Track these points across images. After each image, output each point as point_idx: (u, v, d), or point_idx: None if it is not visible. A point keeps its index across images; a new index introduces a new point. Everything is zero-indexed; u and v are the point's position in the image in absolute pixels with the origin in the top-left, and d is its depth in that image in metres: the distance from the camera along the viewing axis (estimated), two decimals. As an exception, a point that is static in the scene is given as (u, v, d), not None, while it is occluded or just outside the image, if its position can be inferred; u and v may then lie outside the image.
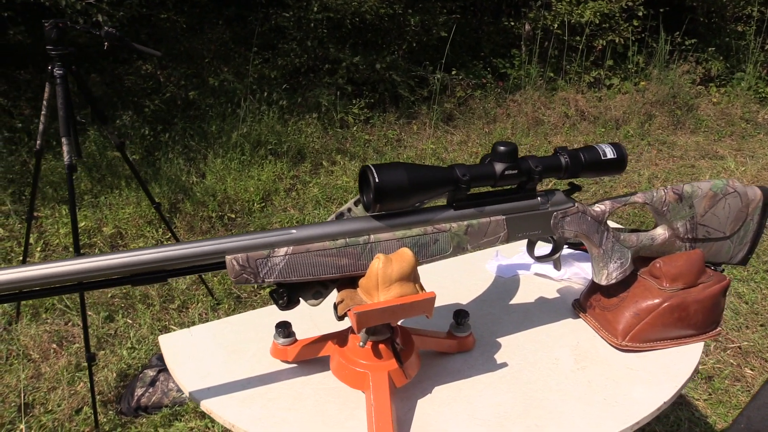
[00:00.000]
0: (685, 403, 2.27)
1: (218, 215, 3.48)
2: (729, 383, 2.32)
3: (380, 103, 5.02)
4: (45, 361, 2.32)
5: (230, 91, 4.56)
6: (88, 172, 3.75)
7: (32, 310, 2.57)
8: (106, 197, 3.55)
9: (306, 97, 4.78)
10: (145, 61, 5.29)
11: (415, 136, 4.70)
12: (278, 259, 0.72)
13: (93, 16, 3.87)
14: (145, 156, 4.06)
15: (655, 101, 5.21)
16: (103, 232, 3.31)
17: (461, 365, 0.94)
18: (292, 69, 5.11)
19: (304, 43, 4.98)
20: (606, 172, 0.87)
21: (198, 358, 0.99)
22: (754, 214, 1.02)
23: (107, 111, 4.47)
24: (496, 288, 1.16)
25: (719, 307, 0.99)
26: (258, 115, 4.40)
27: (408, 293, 0.74)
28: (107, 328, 2.52)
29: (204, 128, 4.29)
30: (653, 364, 0.94)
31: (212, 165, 3.91)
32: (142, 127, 4.24)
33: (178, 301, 2.70)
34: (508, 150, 0.79)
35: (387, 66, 4.95)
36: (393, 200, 0.73)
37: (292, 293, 0.76)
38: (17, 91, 4.50)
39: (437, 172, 0.76)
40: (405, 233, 0.77)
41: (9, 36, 4.75)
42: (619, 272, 0.94)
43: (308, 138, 4.37)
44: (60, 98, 2.02)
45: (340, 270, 0.75)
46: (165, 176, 3.76)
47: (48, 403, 2.11)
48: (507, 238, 0.84)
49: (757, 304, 2.76)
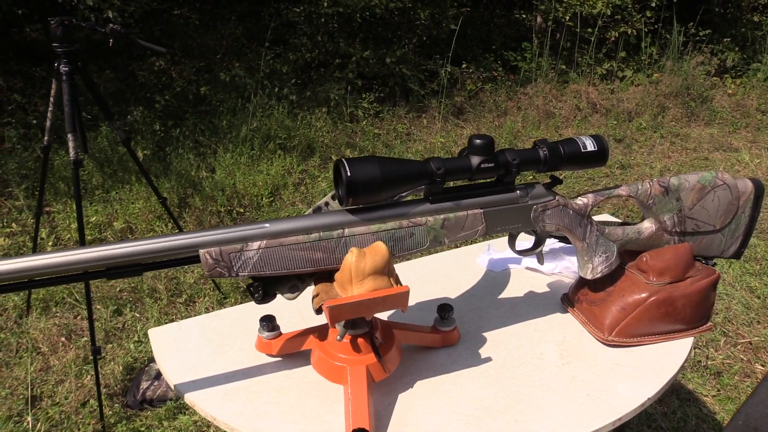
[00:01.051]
0: (693, 399, 2.24)
1: (227, 210, 3.50)
2: (738, 379, 2.29)
3: (390, 97, 5.01)
4: (54, 354, 2.35)
5: (241, 86, 4.58)
6: (100, 168, 3.80)
7: (43, 304, 2.61)
8: (117, 192, 3.59)
9: (316, 91, 4.79)
10: (158, 57, 5.33)
11: (425, 130, 4.68)
12: (252, 252, 0.73)
13: (104, 12, 3.90)
14: (156, 151, 4.10)
15: (669, 93, 5.13)
16: (114, 227, 3.35)
17: (445, 360, 0.93)
18: (303, 64, 5.12)
19: (315, 38, 4.99)
20: (587, 165, 0.86)
21: (185, 351, 1.00)
22: (745, 206, 1.00)
23: (120, 107, 4.52)
24: (486, 282, 1.15)
25: (709, 302, 0.97)
26: (268, 109, 4.41)
27: (382, 287, 0.74)
28: (115, 321, 2.55)
29: (215, 123, 4.32)
30: (640, 359, 0.93)
31: (222, 160, 3.94)
32: (153, 123, 4.28)
33: (186, 295, 2.72)
34: (484, 143, 0.79)
35: (397, 60, 4.94)
36: (365, 194, 0.73)
37: (268, 287, 0.77)
38: (32, 87, 4.56)
39: (411, 165, 0.76)
40: (380, 227, 0.77)
41: (25, 33, 4.82)
42: (605, 266, 0.93)
43: (318, 132, 4.38)
44: (66, 95, 2.04)
45: (314, 264, 0.75)
46: (175, 171, 3.79)
47: (55, 395, 2.15)
48: (486, 232, 0.83)
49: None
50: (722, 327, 2.54)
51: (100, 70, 4.98)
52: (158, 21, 5.62)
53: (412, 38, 5.27)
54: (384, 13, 5.17)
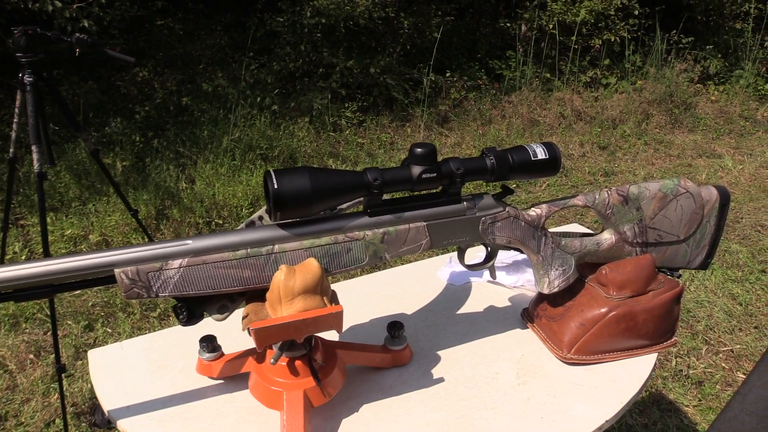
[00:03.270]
0: (674, 409, 2.20)
1: (206, 221, 3.44)
2: (720, 388, 2.25)
3: (374, 107, 4.97)
4: (21, 372, 2.28)
5: (223, 97, 4.53)
6: (78, 179, 3.73)
7: (12, 320, 2.54)
8: (94, 204, 3.52)
9: (299, 101, 4.74)
10: (142, 67, 5.29)
11: (409, 139, 4.64)
12: (172, 272, 0.67)
13: (80, 22, 3.85)
14: (135, 162, 4.04)
15: (653, 100, 5.13)
16: (89, 240, 3.29)
17: (394, 381, 0.88)
18: (287, 74, 5.08)
19: (298, 48, 4.95)
20: (538, 174, 0.81)
21: (124, 373, 0.94)
22: (710, 215, 0.96)
23: (100, 117, 4.46)
24: (445, 296, 1.11)
25: (672, 316, 0.93)
26: (250, 119, 4.37)
27: (313, 307, 0.69)
28: (86, 337, 2.48)
29: (196, 133, 4.27)
30: (600, 378, 0.89)
31: (202, 170, 3.88)
32: (133, 134, 4.22)
33: (160, 309, 2.66)
34: (425, 152, 0.74)
35: (381, 69, 4.91)
36: (294, 208, 0.68)
37: (194, 307, 0.72)
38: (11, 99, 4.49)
39: (346, 177, 0.71)
40: (313, 242, 0.72)
41: (7, 45, 4.75)
42: (561, 280, 0.89)
43: (300, 142, 4.33)
44: (30, 105, 1.99)
45: (243, 283, 0.70)
46: (153, 182, 3.73)
47: (21, 415, 2.08)
48: (430, 246, 0.79)
49: (751, 306, 2.68)
50: (704, 335, 2.51)
51: (82, 80, 4.93)
52: (142, 32, 5.58)
53: (396, 47, 5.24)
54: (368, 22, 5.14)
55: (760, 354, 2.40)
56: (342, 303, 0.73)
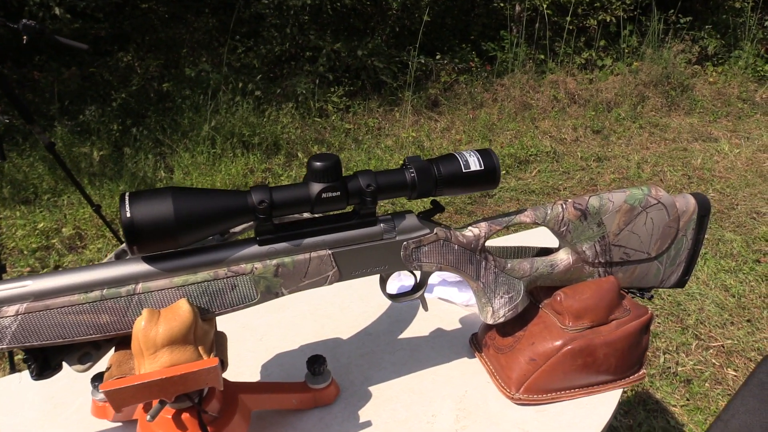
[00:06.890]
0: (660, 410, 2.09)
1: (181, 213, 3.31)
2: (709, 386, 2.14)
3: (361, 91, 4.81)
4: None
5: (205, 82, 4.38)
6: (52, 171, 3.61)
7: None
8: (69, 196, 3.40)
9: (284, 86, 4.59)
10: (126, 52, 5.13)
11: (397, 124, 4.49)
12: (8, 320, 0.55)
13: (51, 9, 3.70)
14: (112, 151, 3.91)
15: (649, 82, 4.95)
16: (62, 233, 3.17)
17: (314, 425, 0.76)
18: (273, 58, 4.92)
19: (284, 31, 4.78)
20: (472, 188, 0.68)
21: (15, 411, 0.83)
22: (686, 228, 0.83)
23: (77, 105, 4.31)
24: (389, 317, 0.98)
25: (639, 348, 0.80)
26: (233, 106, 4.22)
27: (182, 361, 0.56)
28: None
29: (177, 121, 4.12)
30: (554, 420, 0.76)
31: (180, 159, 3.75)
32: (110, 122, 4.08)
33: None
34: (326, 166, 0.60)
35: (369, 52, 4.74)
36: (154, 241, 0.54)
37: (49, 357, 0.59)
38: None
39: (223, 200, 0.57)
40: (187, 279, 0.59)
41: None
42: (508, 309, 0.76)
43: (284, 129, 4.18)
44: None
45: (101, 330, 0.57)
46: (129, 172, 3.60)
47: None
48: (340, 277, 0.65)
49: (744, 298, 2.56)
50: (694, 329, 2.39)
51: (64, 66, 4.78)
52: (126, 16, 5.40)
53: (384, 29, 5.07)
54: (355, 3, 4.96)
55: (751, 349, 2.29)
56: (270, 325, 0.61)
